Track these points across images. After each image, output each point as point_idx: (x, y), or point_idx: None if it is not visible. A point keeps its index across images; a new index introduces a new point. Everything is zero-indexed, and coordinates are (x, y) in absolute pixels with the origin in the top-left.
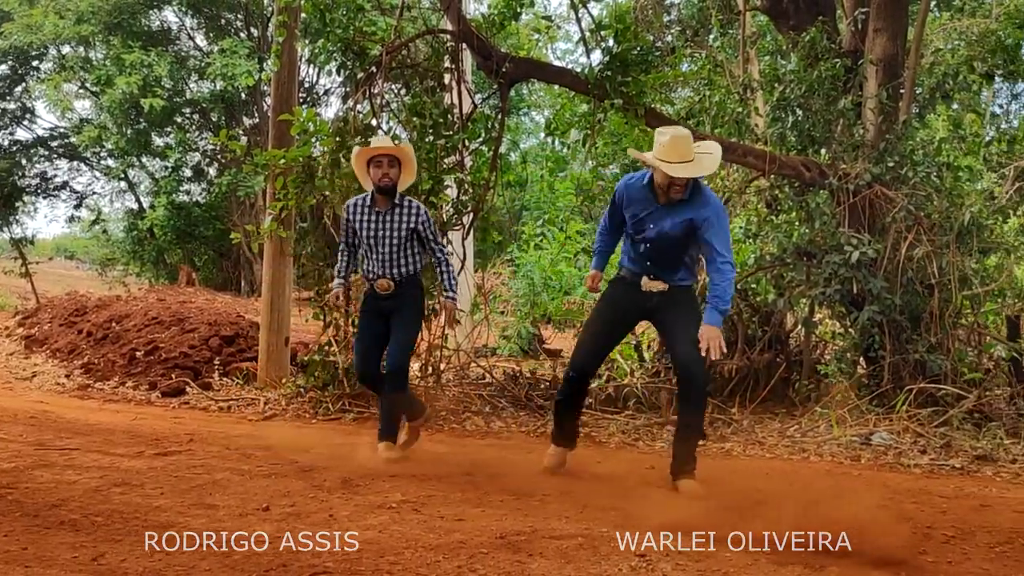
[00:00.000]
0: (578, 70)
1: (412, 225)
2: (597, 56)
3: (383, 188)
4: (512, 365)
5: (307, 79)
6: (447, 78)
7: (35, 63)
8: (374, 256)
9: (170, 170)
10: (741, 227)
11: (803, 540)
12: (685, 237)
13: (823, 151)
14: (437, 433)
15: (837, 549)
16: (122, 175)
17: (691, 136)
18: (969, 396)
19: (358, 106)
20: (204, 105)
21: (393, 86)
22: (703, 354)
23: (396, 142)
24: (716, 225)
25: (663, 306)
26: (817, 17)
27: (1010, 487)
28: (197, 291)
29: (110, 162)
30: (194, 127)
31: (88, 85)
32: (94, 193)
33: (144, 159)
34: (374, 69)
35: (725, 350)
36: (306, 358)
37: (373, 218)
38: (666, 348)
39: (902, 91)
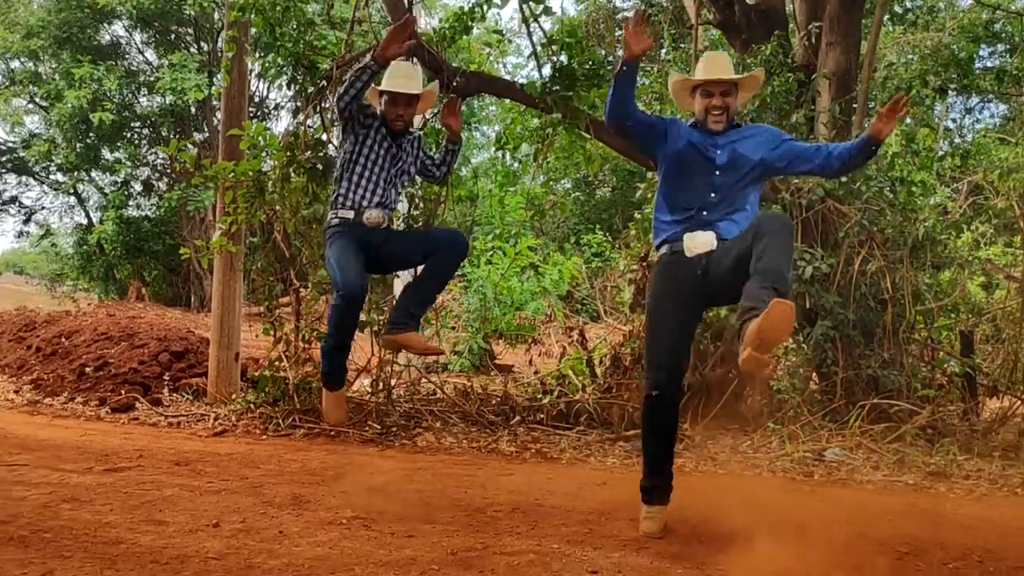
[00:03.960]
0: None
1: (413, 159)
2: (549, 70)
3: (394, 131)
4: (463, 380)
5: (257, 93)
6: None
7: None
8: (369, 184)
9: (120, 184)
10: None
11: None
12: (761, 164)
13: None
14: (388, 449)
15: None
16: (71, 190)
17: (728, 57)
18: (922, 412)
19: (308, 120)
20: (154, 119)
21: None
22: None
23: (424, 79)
24: (786, 134)
25: (712, 267)
26: (770, 31)
27: (963, 503)
28: (147, 306)
29: (59, 176)
30: (144, 141)
31: (37, 99)
32: (43, 208)
33: (94, 173)
34: (324, 83)
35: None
36: (256, 374)
37: (391, 151)
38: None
39: (855, 105)
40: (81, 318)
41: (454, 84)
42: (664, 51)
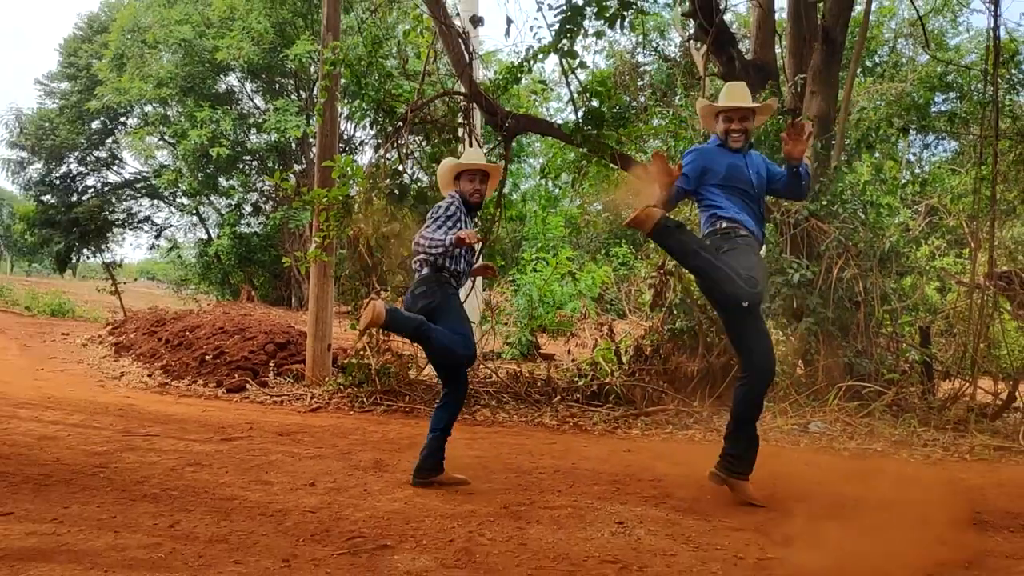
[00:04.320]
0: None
1: None
2: (582, 113)
3: (472, 204)
4: (514, 367)
5: (346, 132)
6: (460, 131)
7: (123, 119)
8: (465, 258)
9: (233, 206)
10: None
11: (753, 509)
12: (766, 182)
13: None
14: None
15: (782, 516)
16: (194, 211)
17: (746, 88)
18: (888, 392)
19: (387, 155)
20: (261, 153)
21: (416, 138)
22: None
23: (488, 159)
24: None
25: None
26: (763, 81)
27: (922, 467)
28: (255, 306)
29: (184, 200)
30: (253, 172)
31: (166, 137)
32: (171, 226)
33: (212, 198)
34: (400, 124)
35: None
36: (345, 361)
37: (470, 225)
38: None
39: (834, 142)
40: (202, 316)
41: (507, 124)
42: (677, 98)
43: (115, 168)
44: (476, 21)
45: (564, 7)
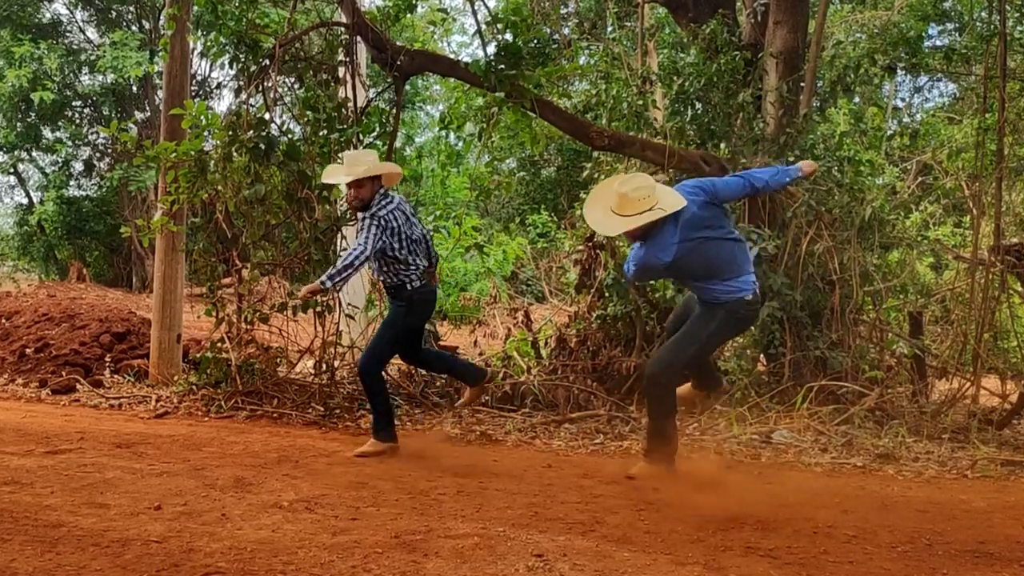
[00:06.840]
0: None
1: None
2: (494, 49)
3: (354, 208)
4: None
5: (199, 72)
6: (341, 71)
7: None
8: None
9: (60, 164)
10: None
11: (703, 539)
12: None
13: (723, 145)
14: (331, 431)
15: (738, 549)
16: (11, 169)
17: (629, 193)
18: (871, 394)
19: (251, 100)
20: (95, 99)
21: (286, 80)
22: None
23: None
24: (705, 193)
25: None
26: (716, 10)
27: (912, 486)
28: (88, 287)
29: None
30: (85, 121)
31: None
32: None
33: (34, 153)
34: (267, 62)
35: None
36: (199, 355)
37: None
38: None
39: (802, 84)
40: (21, 299)
41: (399, 62)
42: (609, 29)
43: None
44: None
45: None
